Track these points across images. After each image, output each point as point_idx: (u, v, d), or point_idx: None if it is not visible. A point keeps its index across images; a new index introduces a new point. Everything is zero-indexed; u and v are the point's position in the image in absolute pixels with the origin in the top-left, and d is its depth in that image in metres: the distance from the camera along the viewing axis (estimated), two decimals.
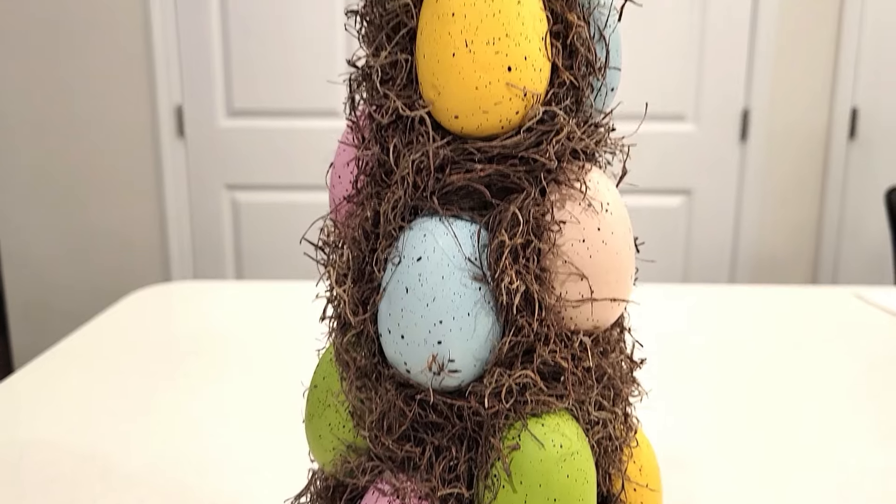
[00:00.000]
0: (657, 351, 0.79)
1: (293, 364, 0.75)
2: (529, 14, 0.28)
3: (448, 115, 0.29)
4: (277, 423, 0.61)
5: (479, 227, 0.30)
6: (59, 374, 0.72)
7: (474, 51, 0.28)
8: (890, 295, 1.01)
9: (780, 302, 0.99)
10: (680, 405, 0.66)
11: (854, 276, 2.06)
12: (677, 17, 1.93)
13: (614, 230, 0.30)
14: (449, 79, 0.28)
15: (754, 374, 0.73)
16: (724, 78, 1.97)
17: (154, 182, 2.02)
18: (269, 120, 2.01)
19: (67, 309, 2.06)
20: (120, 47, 1.94)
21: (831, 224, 2.03)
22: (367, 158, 0.30)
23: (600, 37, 0.31)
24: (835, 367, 0.75)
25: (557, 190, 0.30)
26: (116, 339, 0.82)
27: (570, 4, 0.30)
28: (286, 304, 0.96)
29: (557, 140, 0.29)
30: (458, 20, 0.28)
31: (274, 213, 2.06)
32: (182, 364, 0.75)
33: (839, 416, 0.63)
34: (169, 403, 0.66)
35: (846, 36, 1.93)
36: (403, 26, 0.29)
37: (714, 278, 2.07)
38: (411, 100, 0.30)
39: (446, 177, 0.29)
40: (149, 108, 1.98)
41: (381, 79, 0.30)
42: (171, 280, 2.05)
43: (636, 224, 2.03)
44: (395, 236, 0.30)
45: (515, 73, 0.28)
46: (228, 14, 1.95)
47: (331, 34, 1.95)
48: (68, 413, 0.64)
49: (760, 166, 2.00)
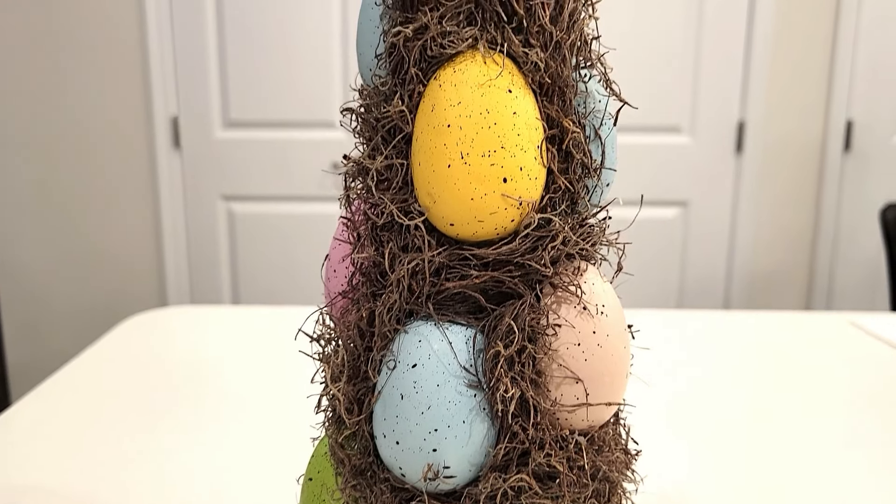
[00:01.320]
0: (652, 381, 0.79)
1: (293, 395, 0.75)
2: (525, 124, 0.28)
3: (444, 222, 0.29)
4: (278, 461, 0.61)
5: (474, 331, 0.30)
6: (53, 411, 0.72)
7: (470, 163, 0.28)
8: (884, 322, 1.01)
9: (775, 329, 1.00)
10: (676, 439, 0.66)
11: (849, 288, 2.06)
12: (673, 29, 1.93)
13: (609, 332, 0.30)
14: (444, 189, 0.28)
15: (748, 407, 0.74)
16: (720, 90, 1.97)
17: (150, 193, 2.02)
18: (266, 131, 2.01)
19: (63, 322, 2.06)
20: (116, 58, 1.94)
21: (826, 235, 2.04)
22: (362, 259, 0.30)
23: (596, 136, 0.31)
24: (829, 400, 0.75)
25: (553, 293, 0.30)
26: (112, 371, 0.82)
27: (566, 110, 0.30)
28: (284, 331, 0.96)
29: (553, 246, 0.29)
30: (453, 132, 0.28)
31: (270, 224, 2.06)
32: (178, 399, 0.75)
33: (832, 451, 0.64)
34: (167, 444, 0.66)
35: (841, 49, 1.94)
36: (399, 131, 0.29)
37: (709, 290, 2.07)
38: (407, 203, 0.30)
39: (441, 282, 0.29)
40: (144, 118, 1.98)
41: (377, 181, 0.30)
42: (166, 288, 2.05)
43: (633, 236, 2.04)
44: (391, 338, 0.30)
45: (511, 184, 0.28)
46: (225, 25, 1.94)
47: (328, 45, 1.95)
48: (63, 455, 0.63)
49: (756, 178, 2.01)
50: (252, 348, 0.91)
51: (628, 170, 2.01)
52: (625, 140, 2.01)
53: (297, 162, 2.02)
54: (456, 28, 0.28)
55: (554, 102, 0.29)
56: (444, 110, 0.28)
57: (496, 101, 0.28)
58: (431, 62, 0.29)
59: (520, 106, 0.28)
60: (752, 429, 0.70)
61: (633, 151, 2.00)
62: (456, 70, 0.28)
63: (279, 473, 0.61)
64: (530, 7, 0.28)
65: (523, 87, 0.28)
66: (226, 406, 0.74)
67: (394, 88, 0.29)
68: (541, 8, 0.28)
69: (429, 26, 0.28)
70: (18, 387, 2.07)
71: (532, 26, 0.28)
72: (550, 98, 0.29)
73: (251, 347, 0.91)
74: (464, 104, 0.28)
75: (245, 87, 1.98)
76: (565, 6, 0.29)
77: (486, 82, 0.28)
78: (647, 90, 1.97)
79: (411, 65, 0.29)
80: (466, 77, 0.28)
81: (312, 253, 2.06)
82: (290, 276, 2.08)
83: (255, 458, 0.64)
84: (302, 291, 2.07)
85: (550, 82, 0.29)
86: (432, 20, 0.28)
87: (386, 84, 0.29)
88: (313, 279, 2.07)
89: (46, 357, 2.07)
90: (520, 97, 0.28)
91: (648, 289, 2.07)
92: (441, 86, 0.28)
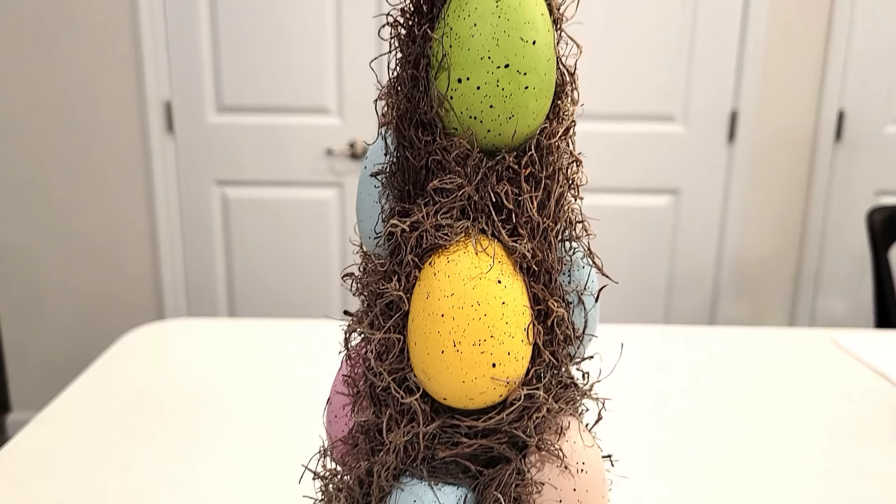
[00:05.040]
0: (632, 403, 0.83)
1: (293, 411, 0.77)
2: (513, 312, 0.30)
3: (438, 395, 0.31)
4: (282, 477, 0.64)
5: (466, 491, 0.32)
6: (57, 440, 0.74)
7: (462, 351, 0.30)
8: (864, 341, 1.04)
9: (757, 346, 1.03)
10: (658, 459, 0.69)
11: (836, 277, 2.10)
12: (668, 19, 1.93)
13: (589, 488, 0.33)
14: (438, 371, 0.30)
15: (726, 431, 0.77)
16: (713, 80, 1.98)
17: (143, 177, 2.02)
18: (259, 116, 2.01)
19: (58, 311, 2.08)
20: (108, 43, 1.92)
21: (816, 224, 2.06)
22: (361, 422, 0.33)
23: (579, 302, 0.33)
24: (807, 425, 0.79)
25: (537, 452, 0.32)
26: (112, 393, 0.84)
27: (552, 290, 0.32)
28: (283, 345, 0.99)
29: (537, 416, 0.32)
30: (446, 321, 0.30)
31: (263, 209, 2.07)
32: (178, 422, 0.77)
33: (808, 477, 0.67)
34: (170, 467, 0.68)
35: (835, 40, 1.94)
36: (397, 309, 0.32)
37: (699, 277, 2.11)
38: (404, 372, 0.32)
39: (435, 446, 0.32)
40: (138, 103, 1.97)
41: (377, 352, 0.32)
42: (160, 272, 2.07)
43: (625, 223, 2.06)
44: (387, 492, 0.33)
45: (500, 368, 0.30)
46: (218, 9, 1.93)
47: (321, 30, 1.94)
48: (67, 487, 0.66)
49: (747, 167, 2.03)
50: (251, 365, 0.93)
51: (621, 157, 2.02)
52: (619, 128, 2.02)
53: (290, 147, 2.03)
54: (450, 221, 0.30)
55: (540, 282, 0.31)
56: (439, 300, 0.30)
57: (486, 293, 0.30)
58: (427, 249, 0.31)
59: (508, 295, 0.30)
60: (729, 456, 0.73)
61: (626, 139, 2.01)
62: (449, 260, 0.30)
63: (286, 481, 0.64)
64: (519, 201, 0.30)
65: (512, 275, 0.31)
66: (225, 425, 0.77)
67: (393, 269, 0.31)
68: (529, 201, 0.30)
69: (423, 222, 0.30)
70: (15, 372, 2.11)
71: (521, 218, 0.30)
72: (537, 278, 0.31)
73: (250, 364, 0.93)
74: (457, 296, 0.30)
75: (238, 71, 1.97)
76: (552, 192, 0.31)
77: (478, 275, 0.30)
78: (641, 79, 1.97)
79: (407, 252, 0.31)
80: (459, 269, 0.30)
81: (305, 237, 2.08)
82: (284, 260, 2.10)
83: (257, 479, 0.67)
84: (294, 275, 2.10)
85: (537, 268, 0.31)
86: (427, 216, 0.30)
87: (385, 265, 0.31)
88: (306, 263, 2.10)
89: (43, 341, 2.10)
90: (509, 286, 0.30)
91: (639, 275, 2.10)
92: (436, 275, 0.30)
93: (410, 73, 0.29)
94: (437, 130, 0.29)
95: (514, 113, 0.29)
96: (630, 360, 0.97)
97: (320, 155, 2.02)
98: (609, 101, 1.98)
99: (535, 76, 0.29)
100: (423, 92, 0.29)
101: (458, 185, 0.30)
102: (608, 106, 1.99)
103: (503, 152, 0.30)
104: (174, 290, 2.12)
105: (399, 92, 0.29)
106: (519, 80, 0.28)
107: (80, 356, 2.11)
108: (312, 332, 1.06)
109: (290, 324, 1.10)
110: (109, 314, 2.10)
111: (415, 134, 0.29)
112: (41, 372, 2.13)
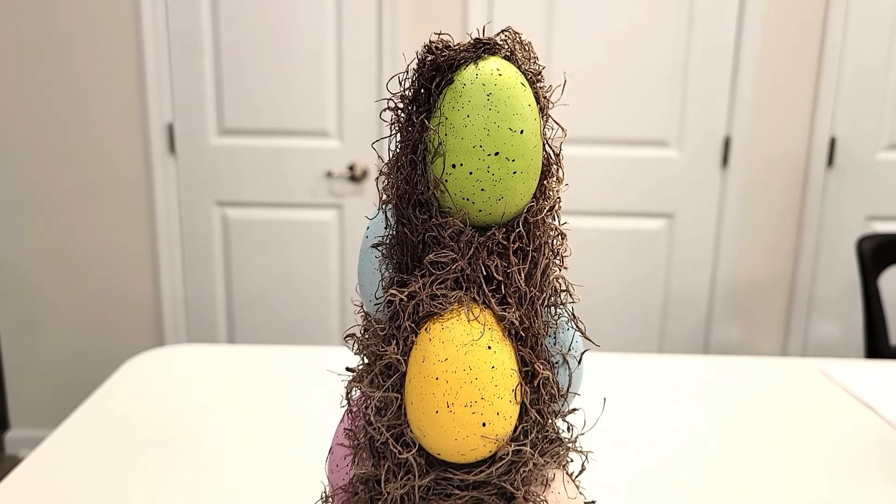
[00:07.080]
0: (621, 432, 0.85)
1: (294, 439, 0.80)
2: (502, 375, 0.33)
3: (433, 451, 0.34)
4: None
5: None
6: (59, 468, 0.76)
7: (455, 412, 0.33)
8: (852, 371, 1.07)
9: (745, 376, 1.05)
10: (643, 496, 0.72)
11: (829, 300, 2.12)
12: (663, 47, 1.97)
13: None
14: (433, 430, 0.33)
15: (715, 459, 0.79)
16: (707, 107, 2.01)
17: (145, 198, 2.05)
18: (260, 138, 2.04)
19: (58, 330, 2.10)
20: (111, 64, 1.96)
21: (808, 248, 2.09)
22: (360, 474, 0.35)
23: (564, 361, 0.36)
24: (796, 455, 0.81)
25: (524, 503, 0.35)
26: (114, 422, 0.86)
27: (538, 353, 0.34)
28: (284, 373, 1.01)
29: (524, 470, 0.34)
30: (440, 384, 0.33)
31: (263, 230, 2.10)
32: (181, 448, 0.79)
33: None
34: (172, 495, 0.70)
35: (826, 67, 1.98)
36: (396, 371, 0.34)
37: (693, 300, 2.13)
38: (400, 429, 0.34)
39: (430, 497, 0.34)
40: (140, 125, 2.01)
41: (377, 408, 0.35)
42: (160, 292, 2.09)
43: (620, 245, 2.09)
44: None
45: (489, 427, 0.33)
46: (220, 32, 1.96)
47: (322, 54, 1.97)
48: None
49: (740, 191, 2.06)
50: (252, 393, 0.95)
51: (617, 181, 2.05)
52: (615, 153, 2.05)
53: (290, 169, 2.06)
54: (444, 291, 0.33)
55: (527, 346, 0.34)
56: (433, 364, 0.33)
57: (477, 359, 0.32)
58: (423, 316, 0.33)
59: (498, 360, 0.33)
60: (716, 490, 0.75)
61: (622, 164, 2.04)
62: (444, 327, 0.33)
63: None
64: (508, 273, 0.33)
65: (501, 341, 0.33)
66: (226, 453, 0.79)
67: (391, 333, 0.34)
68: (517, 273, 0.33)
69: (420, 292, 0.32)
70: (15, 390, 2.12)
71: (510, 288, 0.33)
72: (524, 343, 0.34)
73: (251, 392, 0.96)
74: (450, 360, 0.32)
75: (240, 94, 2.01)
76: (539, 264, 0.34)
77: (470, 342, 0.32)
78: (637, 105, 2.01)
79: (405, 318, 0.33)
80: (453, 335, 0.33)
81: (305, 258, 2.11)
82: (283, 281, 2.12)
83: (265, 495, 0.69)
84: (294, 295, 2.12)
85: (525, 333, 0.34)
86: (423, 286, 0.32)
87: (384, 329, 0.34)
88: (305, 284, 2.12)
89: (43, 359, 2.12)
90: (498, 351, 0.33)
91: (634, 297, 2.13)
92: (431, 340, 0.33)
93: (409, 157, 0.31)
94: (433, 209, 0.32)
95: (504, 195, 0.32)
96: (617, 392, 1.00)
97: (320, 177, 2.05)
98: (605, 126, 2.02)
99: (523, 161, 0.32)
100: (421, 175, 0.32)
101: (452, 259, 0.32)
102: (604, 131, 2.02)
103: (493, 229, 0.33)
104: (174, 309, 2.14)
105: (399, 174, 0.32)
106: (508, 166, 0.31)
107: (79, 374, 2.13)
108: (313, 359, 1.08)
109: (291, 350, 1.12)
110: (109, 332, 2.13)
111: (413, 212, 0.32)
112: (41, 390, 2.15)
